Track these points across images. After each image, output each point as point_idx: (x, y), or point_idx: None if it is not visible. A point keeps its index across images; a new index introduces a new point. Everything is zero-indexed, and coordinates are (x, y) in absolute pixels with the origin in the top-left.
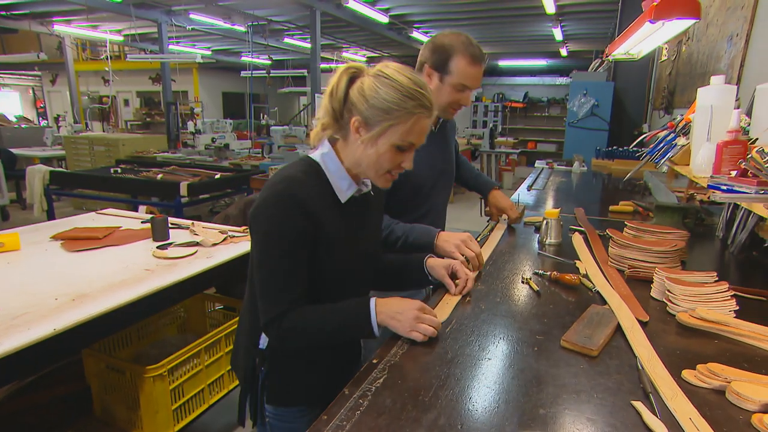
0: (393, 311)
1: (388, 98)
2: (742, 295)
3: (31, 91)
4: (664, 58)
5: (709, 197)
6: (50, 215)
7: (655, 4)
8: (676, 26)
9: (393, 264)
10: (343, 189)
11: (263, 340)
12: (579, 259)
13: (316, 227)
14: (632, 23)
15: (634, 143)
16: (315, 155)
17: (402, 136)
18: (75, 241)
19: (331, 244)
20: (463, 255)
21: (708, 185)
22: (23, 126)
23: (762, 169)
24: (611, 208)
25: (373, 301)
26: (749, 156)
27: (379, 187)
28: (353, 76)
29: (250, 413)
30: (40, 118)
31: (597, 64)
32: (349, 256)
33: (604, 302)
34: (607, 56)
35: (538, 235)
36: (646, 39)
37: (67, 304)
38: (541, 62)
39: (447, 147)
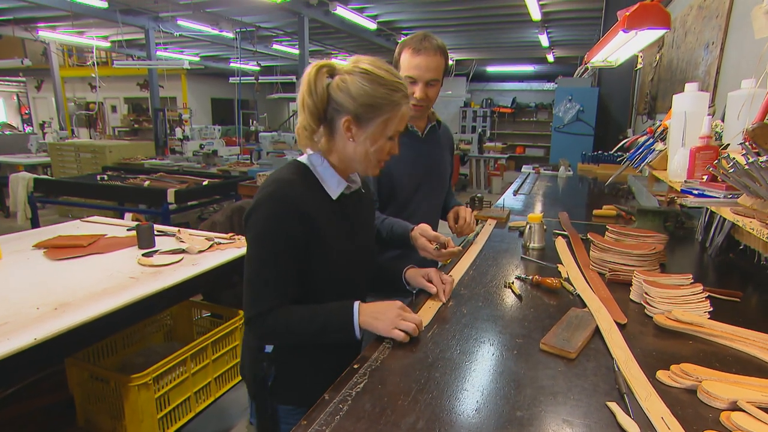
0: (375, 312)
1: (377, 94)
2: (717, 296)
3: (15, 98)
4: (639, 66)
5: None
6: (34, 223)
7: (627, 14)
8: (648, 36)
9: (381, 267)
10: (333, 186)
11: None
12: (561, 263)
13: (310, 226)
14: (607, 32)
15: (616, 148)
16: (302, 158)
17: (394, 127)
18: (58, 249)
19: (326, 240)
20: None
21: (681, 189)
22: (6, 132)
23: (728, 174)
24: (595, 212)
25: (356, 304)
26: (716, 162)
27: (369, 175)
28: (331, 74)
29: (258, 417)
30: (25, 125)
31: (581, 70)
32: (345, 252)
33: (584, 305)
34: (586, 63)
35: (521, 240)
36: (622, 47)
37: (48, 313)
38: (528, 68)
39: (435, 154)
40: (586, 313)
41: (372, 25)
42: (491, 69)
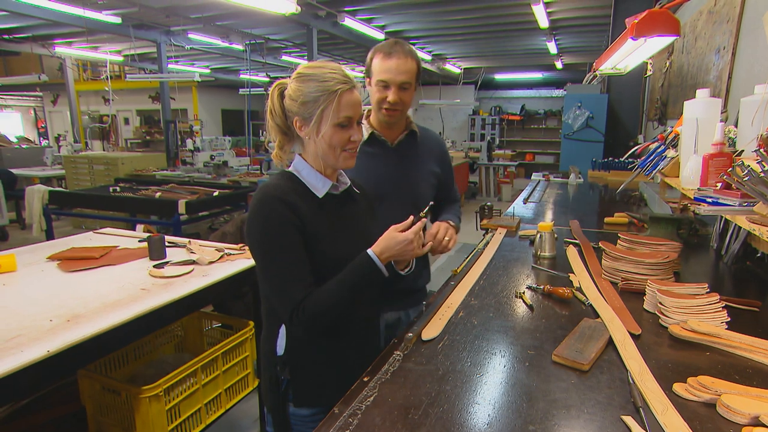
0: (392, 249)
1: (311, 90)
2: (734, 305)
3: (32, 112)
4: (649, 73)
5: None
6: (49, 235)
7: (635, 21)
8: (657, 43)
9: None
10: (319, 186)
11: (280, 347)
12: (573, 272)
13: (300, 219)
14: (616, 40)
15: (627, 155)
16: (289, 168)
17: (336, 114)
18: (71, 261)
19: (317, 238)
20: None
21: (694, 197)
22: (23, 146)
23: (742, 182)
24: (606, 219)
25: (370, 252)
26: (730, 170)
27: (345, 167)
28: (282, 90)
29: (273, 421)
30: (41, 138)
31: (590, 77)
32: (339, 250)
33: (597, 315)
34: (594, 71)
35: (532, 249)
36: (631, 55)
37: (61, 325)
38: (537, 75)
39: (407, 165)
40: (598, 323)
41: (380, 36)
42: (499, 77)
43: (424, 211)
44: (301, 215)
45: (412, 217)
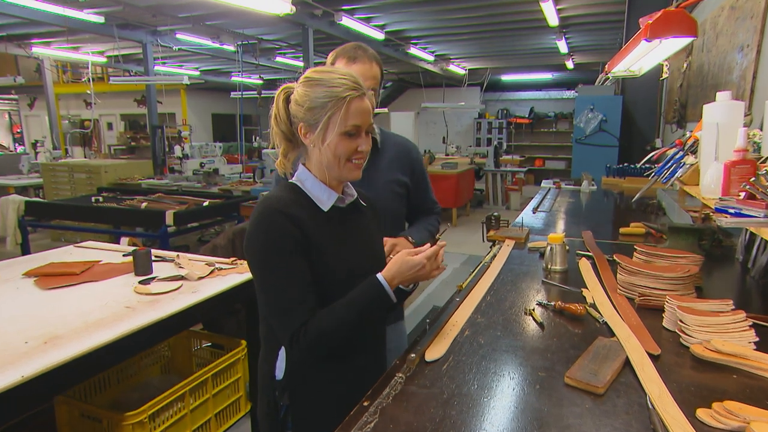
0: (404, 275)
1: (318, 95)
2: (763, 324)
3: (7, 116)
4: (665, 76)
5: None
6: (25, 249)
7: (649, 22)
8: (672, 44)
9: None
10: (324, 199)
11: (279, 370)
12: (586, 287)
13: (304, 235)
14: (629, 41)
15: (643, 161)
16: (292, 179)
17: (344, 122)
18: (50, 277)
19: (322, 253)
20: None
21: (715, 208)
22: None
23: (767, 192)
24: (622, 230)
25: (379, 277)
26: (753, 179)
27: (350, 179)
28: (287, 95)
29: None
30: (17, 144)
31: (603, 78)
32: (344, 266)
33: (612, 334)
34: (606, 74)
35: (542, 262)
36: (645, 57)
37: (38, 347)
38: (546, 75)
39: (370, 176)
40: (614, 342)
41: (380, 36)
42: (506, 78)
43: (441, 233)
44: (305, 230)
45: (431, 246)
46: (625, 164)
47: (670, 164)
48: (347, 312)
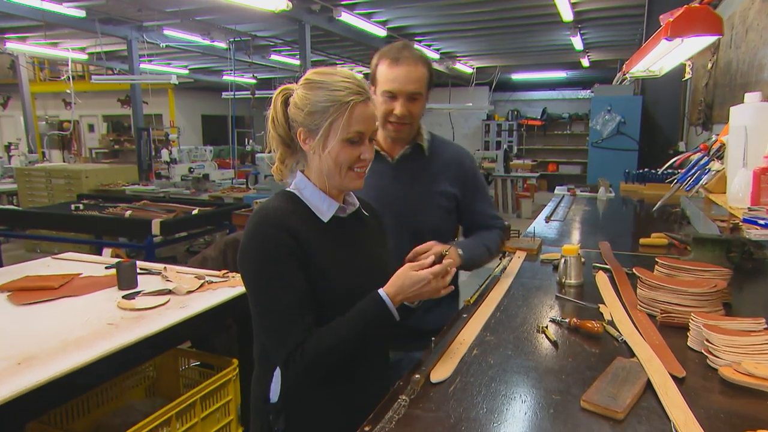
0: (407, 291)
1: (319, 99)
2: None
3: None
4: (688, 76)
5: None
6: None
7: (670, 20)
8: (696, 43)
9: None
10: (324, 209)
11: (274, 392)
12: (603, 303)
13: (301, 248)
14: (648, 40)
15: (664, 167)
16: (290, 187)
17: (346, 128)
18: (25, 292)
19: (321, 267)
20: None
21: (743, 219)
22: None
23: None
24: (642, 241)
25: (381, 292)
26: None
27: (352, 189)
28: (286, 97)
29: None
30: None
31: (620, 77)
32: (345, 281)
33: (632, 354)
34: (625, 74)
35: (556, 275)
36: (666, 56)
37: (10, 369)
38: (560, 74)
39: (405, 184)
40: (634, 363)
41: (381, 32)
42: (517, 77)
43: (446, 249)
44: (303, 242)
45: (432, 257)
46: (646, 169)
47: (693, 170)
48: (347, 330)
